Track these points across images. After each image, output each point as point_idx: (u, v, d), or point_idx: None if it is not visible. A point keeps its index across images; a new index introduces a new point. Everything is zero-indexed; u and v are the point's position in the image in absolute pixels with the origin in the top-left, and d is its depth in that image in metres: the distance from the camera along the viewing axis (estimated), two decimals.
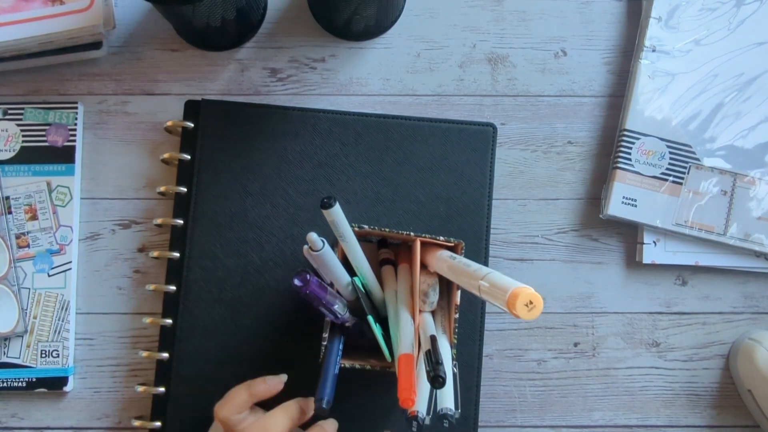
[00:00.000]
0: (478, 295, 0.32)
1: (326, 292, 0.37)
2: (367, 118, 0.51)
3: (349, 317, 0.41)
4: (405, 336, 0.38)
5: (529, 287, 0.28)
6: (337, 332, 0.42)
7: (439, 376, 0.33)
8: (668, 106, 0.51)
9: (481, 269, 0.34)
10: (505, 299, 0.28)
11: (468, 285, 0.34)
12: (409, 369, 0.35)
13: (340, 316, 0.39)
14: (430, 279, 0.42)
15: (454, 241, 0.43)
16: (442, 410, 0.36)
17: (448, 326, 0.43)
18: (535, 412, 0.51)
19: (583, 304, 0.52)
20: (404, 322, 0.39)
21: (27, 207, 0.50)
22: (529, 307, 0.28)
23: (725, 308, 0.53)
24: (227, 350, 0.49)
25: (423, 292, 0.42)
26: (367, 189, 0.50)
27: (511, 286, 0.29)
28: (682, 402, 0.52)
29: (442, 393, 0.37)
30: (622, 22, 0.54)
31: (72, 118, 0.51)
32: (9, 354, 0.49)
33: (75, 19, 0.48)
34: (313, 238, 0.36)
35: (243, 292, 0.49)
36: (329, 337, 0.42)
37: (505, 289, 0.29)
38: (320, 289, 0.37)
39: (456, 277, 0.37)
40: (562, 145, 0.53)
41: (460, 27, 0.54)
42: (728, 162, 0.51)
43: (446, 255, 0.40)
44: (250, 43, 0.53)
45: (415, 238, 0.42)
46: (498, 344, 0.52)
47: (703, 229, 0.51)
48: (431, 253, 0.43)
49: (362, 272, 0.41)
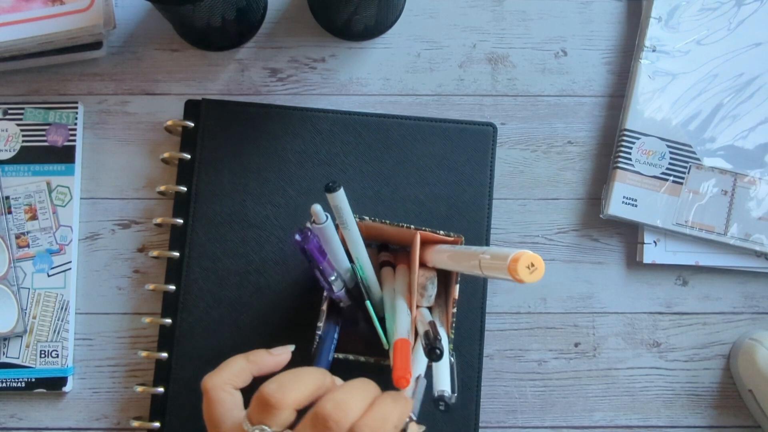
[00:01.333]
0: (480, 274, 0.32)
1: (324, 258, 0.37)
2: (367, 118, 0.51)
3: (344, 296, 0.41)
4: (401, 324, 0.38)
5: (528, 251, 0.28)
6: (332, 322, 0.42)
7: (436, 348, 0.33)
8: (668, 106, 0.51)
9: (479, 248, 0.34)
10: (506, 265, 0.28)
11: (469, 267, 0.34)
12: (405, 351, 0.35)
13: (336, 290, 0.39)
14: (428, 273, 0.43)
15: (453, 236, 0.42)
16: (438, 393, 0.36)
17: (446, 321, 0.43)
18: (536, 413, 0.51)
19: (583, 304, 0.52)
20: (401, 311, 0.39)
21: (27, 207, 0.50)
22: (530, 269, 0.28)
23: (726, 308, 0.53)
24: (227, 350, 0.48)
25: (421, 285, 0.42)
26: (367, 189, 0.50)
27: (511, 252, 0.29)
28: (682, 402, 0.52)
29: (438, 378, 0.37)
30: (622, 22, 0.54)
31: (72, 118, 0.51)
32: (8, 354, 0.49)
33: (75, 19, 0.48)
34: (317, 210, 0.35)
35: (243, 291, 0.49)
36: (324, 326, 0.41)
37: (504, 256, 0.29)
38: (319, 253, 0.36)
39: (456, 263, 0.37)
40: (562, 145, 0.53)
41: (460, 27, 0.54)
42: (728, 162, 0.51)
43: (446, 246, 0.40)
44: (250, 43, 0.53)
45: (415, 231, 0.42)
46: (498, 344, 0.52)
47: (704, 229, 0.51)
48: (430, 249, 0.43)
49: (361, 262, 0.41)
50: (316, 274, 0.38)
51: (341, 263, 0.40)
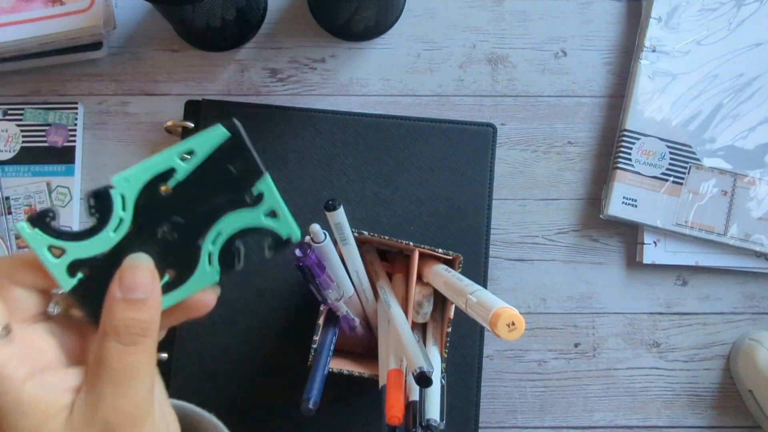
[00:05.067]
0: (465, 310, 0.32)
1: (323, 271, 0.37)
2: (367, 119, 0.51)
3: (343, 308, 0.41)
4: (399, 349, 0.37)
5: (512, 308, 0.28)
6: (329, 335, 0.42)
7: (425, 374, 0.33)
8: (668, 106, 0.51)
9: (471, 285, 0.34)
10: (488, 318, 0.29)
11: (457, 300, 0.34)
12: (398, 385, 0.35)
13: (330, 301, 0.39)
14: (425, 290, 0.42)
15: (452, 255, 0.42)
16: (427, 421, 0.36)
17: (440, 340, 0.42)
18: (536, 413, 0.51)
19: (583, 304, 0.52)
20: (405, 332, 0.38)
21: (27, 207, 0.50)
22: (510, 328, 0.28)
23: (726, 308, 0.53)
24: (227, 350, 0.48)
25: (417, 303, 0.42)
26: (367, 189, 0.50)
27: (495, 305, 0.29)
28: (682, 402, 0.52)
29: (429, 404, 0.37)
30: (622, 22, 0.54)
31: (72, 118, 0.51)
32: None
33: (75, 20, 0.48)
34: (316, 230, 0.36)
35: (243, 292, 0.49)
36: (320, 339, 0.42)
37: (489, 307, 0.29)
38: (318, 267, 0.36)
39: (449, 291, 0.37)
40: (562, 146, 0.53)
41: (460, 27, 0.54)
42: (728, 162, 0.51)
43: (442, 269, 0.40)
44: (250, 43, 0.53)
45: (413, 248, 0.42)
46: (498, 345, 0.52)
47: (704, 229, 0.51)
48: (428, 264, 0.42)
49: (360, 277, 0.41)
50: (311, 288, 0.38)
51: (340, 277, 0.40)
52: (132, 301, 0.23)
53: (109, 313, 0.23)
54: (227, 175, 0.24)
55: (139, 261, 0.24)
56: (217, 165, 0.24)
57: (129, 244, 0.24)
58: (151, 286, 0.23)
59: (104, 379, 0.22)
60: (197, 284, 0.25)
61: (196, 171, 0.24)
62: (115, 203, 0.24)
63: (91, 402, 0.22)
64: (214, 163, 0.24)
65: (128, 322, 0.23)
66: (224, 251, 0.25)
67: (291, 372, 0.48)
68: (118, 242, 0.24)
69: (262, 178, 0.25)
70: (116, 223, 0.24)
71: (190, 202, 0.24)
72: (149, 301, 0.23)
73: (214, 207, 0.25)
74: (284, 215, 0.25)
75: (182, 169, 0.24)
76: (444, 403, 0.38)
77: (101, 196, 0.24)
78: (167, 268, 0.25)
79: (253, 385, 0.48)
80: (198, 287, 0.25)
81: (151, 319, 0.23)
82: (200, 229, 0.25)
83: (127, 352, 0.22)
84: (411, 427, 0.35)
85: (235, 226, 0.25)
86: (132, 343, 0.23)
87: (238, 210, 0.25)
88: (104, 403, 0.22)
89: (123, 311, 0.23)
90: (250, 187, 0.25)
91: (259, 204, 0.25)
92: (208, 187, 0.24)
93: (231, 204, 0.25)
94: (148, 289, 0.23)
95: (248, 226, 0.25)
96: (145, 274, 0.23)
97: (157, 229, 0.24)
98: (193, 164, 0.24)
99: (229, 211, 0.25)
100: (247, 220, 0.25)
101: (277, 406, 0.48)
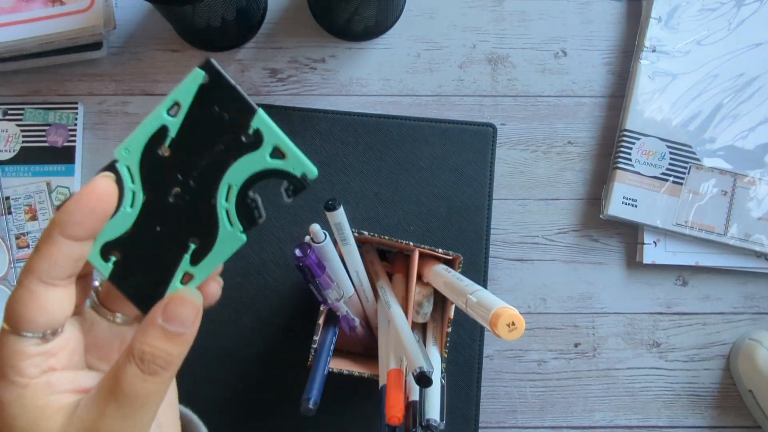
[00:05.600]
0: (465, 310, 0.32)
1: (323, 271, 0.37)
2: (367, 119, 0.51)
3: (343, 308, 0.41)
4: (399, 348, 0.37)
5: (512, 308, 0.28)
6: (329, 335, 0.42)
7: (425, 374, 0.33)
8: (668, 106, 0.51)
9: (471, 285, 0.34)
10: (488, 318, 0.29)
11: (457, 300, 0.34)
12: (398, 385, 0.35)
13: (330, 301, 0.39)
14: (425, 290, 0.42)
15: (452, 255, 0.42)
16: (427, 421, 0.36)
17: (440, 340, 0.42)
18: (536, 413, 0.51)
19: (583, 304, 0.52)
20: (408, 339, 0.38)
21: (27, 207, 0.50)
22: (510, 328, 0.28)
23: (726, 308, 0.53)
24: (227, 350, 0.48)
25: (417, 303, 0.42)
26: (367, 189, 0.50)
27: (495, 305, 0.29)
28: (683, 402, 0.52)
29: (429, 404, 0.37)
30: (622, 22, 0.54)
31: (72, 118, 0.51)
32: None
33: (75, 20, 0.48)
34: (316, 230, 0.36)
35: (243, 292, 0.49)
36: (320, 339, 0.42)
37: (489, 307, 0.29)
38: (318, 267, 0.36)
39: (450, 291, 0.37)
40: (562, 146, 0.53)
41: (460, 27, 0.54)
42: (728, 162, 0.51)
43: (442, 269, 0.40)
44: (250, 43, 0.53)
45: (414, 248, 0.42)
46: (498, 345, 0.52)
47: (704, 229, 0.51)
48: (428, 264, 0.42)
49: (360, 277, 0.41)
50: (311, 288, 0.38)
51: (340, 277, 0.40)
52: (169, 333, 0.23)
53: (143, 335, 0.22)
54: (218, 120, 0.23)
55: (189, 296, 0.23)
56: (204, 111, 0.23)
57: (148, 217, 0.23)
58: (192, 324, 0.23)
59: (111, 398, 0.22)
60: (226, 248, 0.24)
61: (185, 123, 0.23)
62: (124, 177, 0.23)
63: (92, 415, 0.22)
64: (201, 109, 0.23)
65: (156, 352, 0.22)
66: (241, 206, 0.24)
67: (291, 372, 0.48)
68: (137, 216, 0.23)
69: (254, 114, 0.23)
70: (130, 197, 0.23)
71: (190, 157, 0.23)
72: (185, 336, 0.23)
73: (216, 158, 0.23)
74: (291, 151, 0.24)
75: (173, 124, 0.23)
76: (444, 403, 0.38)
77: (110, 171, 0.23)
78: (190, 237, 0.24)
79: (253, 385, 0.48)
80: (228, 252, 0.24)
81: (178, 354, 0.23)
82: (210, 186, 0.23)
83: (143, 380, 0.22)
84: (411, 427, 0.35)
85: (243, 176, 0.23)
86: (151, 373, 0.22)
87: (242, 157, 0.23)
88: (104, 421, 0.22)
89: (156, 339, 0.22)
90: (245, 127, 0.23)
91: (260, 145, 0.23)
92: (204, 137, 0.23)
93: (231, 151, 0.23)
94: (188, 325, 0.23)
95: (257, 171, 0.24)
96: (192, 311, 0.23)
97: (167, 196, 0.23)
98: (181, 117, 0.23)
99: (233, 161, 0.23)
100: (254, 166, 0.23)
101: (277, 406, 0.48)
